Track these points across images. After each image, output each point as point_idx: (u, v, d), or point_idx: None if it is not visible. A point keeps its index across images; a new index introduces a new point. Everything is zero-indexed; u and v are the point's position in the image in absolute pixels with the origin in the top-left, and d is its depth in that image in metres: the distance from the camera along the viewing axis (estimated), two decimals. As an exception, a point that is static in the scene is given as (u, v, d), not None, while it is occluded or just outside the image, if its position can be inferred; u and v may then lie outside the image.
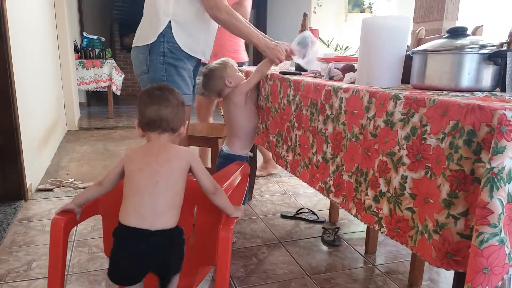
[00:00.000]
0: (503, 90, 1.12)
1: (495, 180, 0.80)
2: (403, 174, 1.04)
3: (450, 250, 0.90)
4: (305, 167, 1.53)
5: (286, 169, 1.70)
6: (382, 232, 1.12)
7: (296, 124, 1.59)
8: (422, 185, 0.98)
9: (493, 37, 1.19)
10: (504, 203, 0.81)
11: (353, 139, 1.24)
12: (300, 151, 1.57)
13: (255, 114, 1.87)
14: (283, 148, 1.72)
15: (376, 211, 1.14)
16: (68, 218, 1.24)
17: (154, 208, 1.10)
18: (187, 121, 1.72)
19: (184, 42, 1.61)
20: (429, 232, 0.95)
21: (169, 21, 1.58)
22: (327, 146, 1.38)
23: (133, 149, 1.20)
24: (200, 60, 1.79)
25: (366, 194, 1.17)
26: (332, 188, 1.34)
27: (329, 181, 1.37)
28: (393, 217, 1.08)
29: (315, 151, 1.46)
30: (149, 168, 1.12)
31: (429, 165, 0.96)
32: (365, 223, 1.19)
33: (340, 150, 1.31)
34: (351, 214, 1.25)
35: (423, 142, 0.98)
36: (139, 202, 1.11)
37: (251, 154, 1.91)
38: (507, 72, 1.06)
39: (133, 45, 1.69)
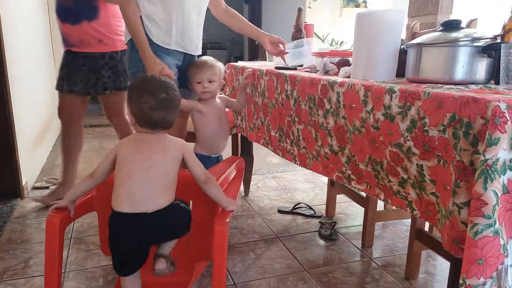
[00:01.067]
0: (497, 82, 1.12)
1: (489, 171, 0.80)
2: (417, 163, 1.04)
3: (457, 237, 0.90)
4: (315, 159, 1.52)
5: (295, 163, 1.67)
6: (414, 215, 1.12)
7: (296, 119, 1.58)
8: (438, 172, 0.99)
9: (487, 30, 1.19)
10: (499, 195, 0.81)
11: (356, 132, 1.24)
12: (305, 144, 1.56)
13: (210, 124, 1.80)
14: (287, 143, 1.71)
15: (405, 195, 1.13)
16: (63, 216, 1.24)
17: (147, 192, 1.11)
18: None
19: (155, 34, 1.62)
20: (447, 216, 0.95)
21: (140, 17, 1.59)
22: (332, 139, 1.37)
23: (126, 139, 1.20)
24: (195, 55, 1.78)
25: (390, 181, 1.17)
26: (353, 176, 1.33)
27: (346, 170, 1.35)
28: (422, 201, 1.08)
29: (320, 144, 1.45)
30: (142, 154, 1.12)
31: (439, 154, 0.96)
32: (396, 207, 1.19)
33: (346, 143, 1.31)
34: (380, 199, 1.23)
35: (426, 133, 0.98)
36: (132, 187, 1.11)
37: (218, 156, 1.87)
38: (501, 65, 1.07)
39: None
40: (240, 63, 2.19)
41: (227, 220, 1.21)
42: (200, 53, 1.87)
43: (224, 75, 1.80)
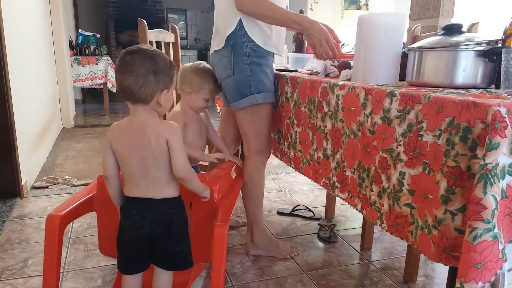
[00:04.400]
0: (497, 87, 1.12)
1: (489, 176, 0.80)
2: (401, 171, 1.04)
3: (448, 246, 0.90)
4: (307, 164, 1.53)
5: (290, 166, 1.69)
6: (383, 228, 1.13)
7: (295, 121, 1.58)
8: (420, 181, 0.99)
9: (488, 34, 1.19)
10: (498, 199, 0.81)
11: (352, 136, 1.24)
12: (300, 147, 1.57)
13: (189, 137, 1.60)
14: (284, 145, 1.72)
15: (379, 207, 1.14)
16: (63, 215, 1.24)
17: (154, 186, 1.13)
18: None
19: (258, 37, 1.54)
20: (429, 227, 0.95)
21: (240, 19, 1.51)
22: (327, 142, 1.38)
23: (117, 127, 1.14)
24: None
25: (371, 190, 1.17)
26: (337, 184, 1.34)
27: (332, 177, 1.36)
28: (392, 213, 1.09)
29: (315, 147, 1.46)
30: (136, 153, 1.11)
31: (427, 161, 0.96)
32: (368, 219, 1.19)
33: (339, 147, 1.31)
34: (357, 209, 1.24)
35: (420, 138, 0.98)
36: (138, 184, 1.13)
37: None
38: (501, 69, 1.07)
39: (212, 50, 1.62)
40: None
41: (227, 223, 1.21)
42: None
43: None
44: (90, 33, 5.27)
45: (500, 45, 1.13)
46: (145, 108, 1.10)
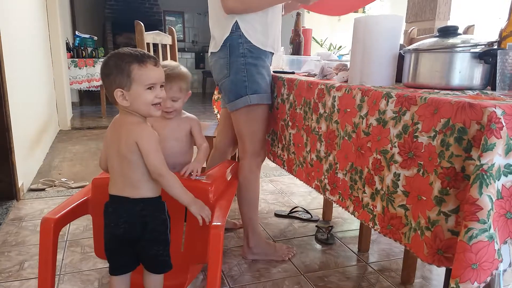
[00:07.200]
0: (493, 88, 1.13)
1: (485, 177, 0.80)
2: (395, 172, 1.04)
3: (442, 247, 0.91)
4: (300, 166, 1.53)
5: (283, 168, 1.69)
6: (375, 230, 1.13)
7: (290, 123, 1.59)
8: (414, 183, 0.99)
9: (484, 36, 1.20)
10: (494, 200, 0.81)
11: (346, 138, 1.24)
12: (294, 149, 1.57)
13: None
14: (278, 147, 1.72)
15: (372, 209, 1.15)
16: (57, 218, 1.23)
17: (130, 183, 1.15)
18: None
19: (254, 37, 1.53)
20: (422, 229, 0.95)
21: (235, 21, 1.51)
22: (321, 144, 1.38)
23: (111, 123, 1.20)
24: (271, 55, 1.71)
25: (364, 192, 1.17)
26: (328, 186, 1.34)
27: (324, 179, 1.37)
28: (386, 215, 1.09)
29: (309, 149, 1.46)
30: (115, 148, 1.14)
31: (421, 162, 0.97)
32: (361, 221, 1.20)
33: (333, 149, 1.32)
34: (349, 211, 1.25)
35: (415, 140, 0.98)
36: (116, 181, 1.16)
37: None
38: (497, 71, 1.07)
39: (210, 51, 1.62)
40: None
41: (223, 224, 1.21)
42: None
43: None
44: (87, 35, 5.26)
45: (496, 47, 1.13)
46: (120, 108, 1.15)
